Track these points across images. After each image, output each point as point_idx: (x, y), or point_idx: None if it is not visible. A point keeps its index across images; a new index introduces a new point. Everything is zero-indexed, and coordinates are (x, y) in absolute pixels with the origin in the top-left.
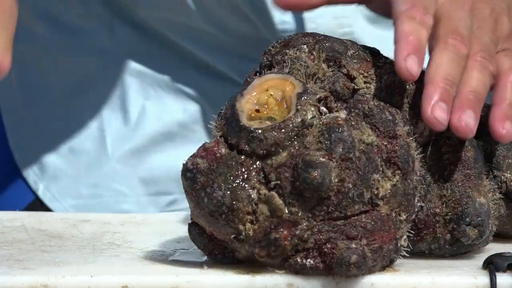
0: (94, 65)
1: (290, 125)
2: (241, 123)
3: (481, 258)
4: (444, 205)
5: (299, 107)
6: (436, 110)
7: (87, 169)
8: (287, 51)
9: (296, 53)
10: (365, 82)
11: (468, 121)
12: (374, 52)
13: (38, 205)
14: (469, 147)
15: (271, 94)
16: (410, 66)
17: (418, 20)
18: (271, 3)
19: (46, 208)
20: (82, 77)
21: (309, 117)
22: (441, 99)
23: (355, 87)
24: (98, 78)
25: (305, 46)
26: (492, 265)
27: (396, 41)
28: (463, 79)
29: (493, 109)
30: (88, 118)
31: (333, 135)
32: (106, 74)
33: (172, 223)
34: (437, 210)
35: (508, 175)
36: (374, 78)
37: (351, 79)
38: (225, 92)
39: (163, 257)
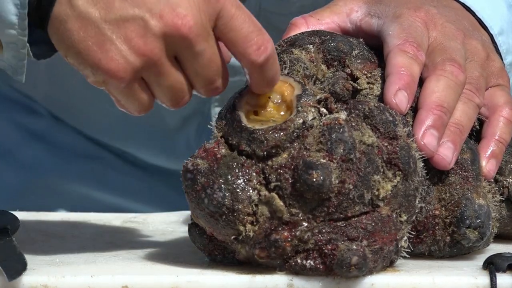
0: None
1: (291, 127)
2: (242, 124)
3: (481, 258)
4: (443, 208)
5: (299, 108)
6: (426, 137)
7: None
8: (293, 49)
9: (301, 53)
10: (368, 83)
11: (445, 153)
12: (379, 53)
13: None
14: (466, 150)
15: (269, 97)
16: (400, 101)
17: (411, 54)
18: None
19: (46, 208)
20: None
21: (309, 119)
22: (433, 126)
23: (358, 87)
24: None
25: (311, 46)
26: (492, 265)
27: (388, 74)
28: None
29: (482, 141)
30: None
31: (333, 136)
32: None
33: (172, 223)
34: (437, 212)
35: (510, 180)
36: (378, 79)
37: (354, 79)
38: None
39: (163, 257)
